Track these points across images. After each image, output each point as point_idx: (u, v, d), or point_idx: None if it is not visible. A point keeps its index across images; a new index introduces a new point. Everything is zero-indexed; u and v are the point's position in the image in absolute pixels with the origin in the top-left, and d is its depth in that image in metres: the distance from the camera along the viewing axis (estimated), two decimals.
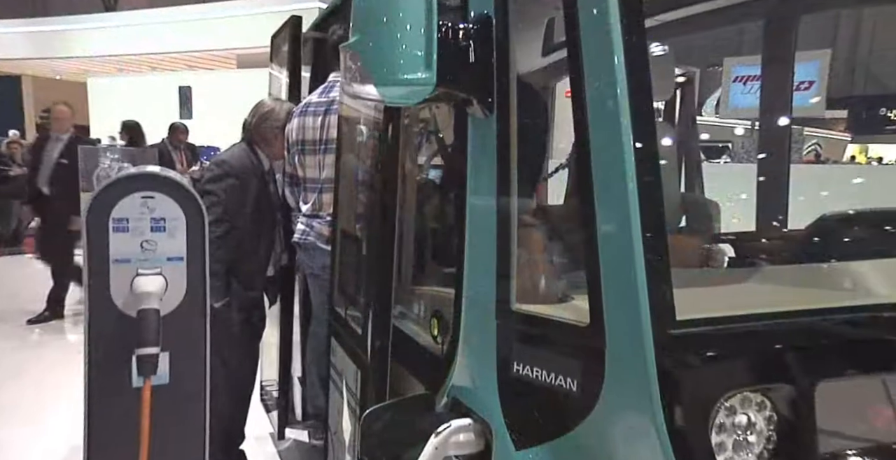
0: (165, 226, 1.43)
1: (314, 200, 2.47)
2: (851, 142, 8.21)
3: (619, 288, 1.00)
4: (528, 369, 1.17)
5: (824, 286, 1.42)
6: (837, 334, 1.15)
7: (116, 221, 1.40)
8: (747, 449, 1.04)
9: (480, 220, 1.30)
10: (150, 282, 1.39)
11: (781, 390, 1.06)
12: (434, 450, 1.25)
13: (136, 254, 1.44)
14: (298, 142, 2.49)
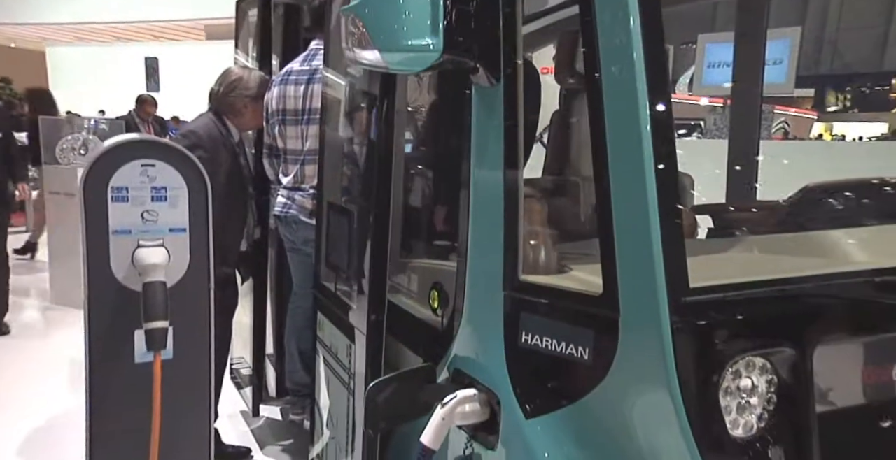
0: (167, 195, 1.37)
1: (296, 172, 2.41)
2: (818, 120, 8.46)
3: (635, 257, 1.01)
4: (538, 339, 1.17)
5: (813, 253, 1.45)
6: (833, 298, 1.19)
7: (115, 190, 1.34)
8: (749, 411, 1.08)
9: (486, 192, 1.28)
10: (154, 254, 1.33)
11: (782, 354, 1.09)
12: (441, 421, 1.26)
13: (137, 225, 1.37)
14: (279, 111, 2.42)
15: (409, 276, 1.77)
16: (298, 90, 2.36)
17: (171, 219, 1.39)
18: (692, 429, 0.98)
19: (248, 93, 2.42)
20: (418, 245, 1.86)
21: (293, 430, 2.80)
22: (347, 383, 1.76)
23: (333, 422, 1.89)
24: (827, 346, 1.13)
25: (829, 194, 1.95)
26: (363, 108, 1.75)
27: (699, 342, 1.02)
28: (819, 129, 8.48)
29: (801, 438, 1.10)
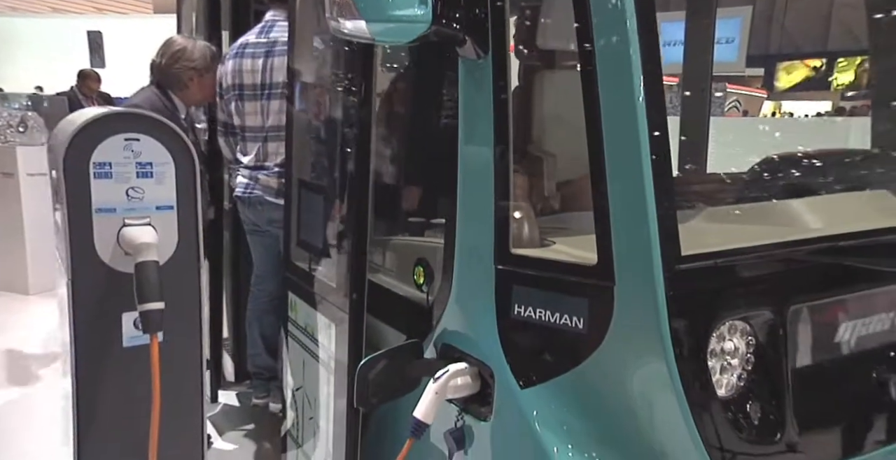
0: (153, 171, 1.32)
1: (257, 150, 2.36)
2: (767, 98, 8.92)
3: (630, 228, 1.06)
4: (531, 311, 1.22)
5: (776, 222, 1.55)
6: (803, 263, 1.29)
7: (98, 166, 1.28)
8: (730, 371, 1.17)
9: (476, 166, 1.31)
10: (144, 233, 1.29)
11: (760, 316, 1.18)
12: (434, 395, 1.29)
13: (122, 203, 1.32)
14: (235, 86, 2.35)
15: (390, 254, 1.79)
16: (256, 64, 2.30)
17: (158, 195, 1.34)
18: (685, 391, 1.06)
19: (192, 64, 2.32)
20: (398, 222, 1.88)
21: (254, 415, 2.79)
22: (327, 362, 1.77)
23: (310, 402, 1.91)
24: (799, 307, 1.24)
25: (788, 165, 2.07)
26: (337, 83, 1.73)
27: (691, 308, 1.08)
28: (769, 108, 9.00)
29: (777, 394, 1.20)
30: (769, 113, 8.48)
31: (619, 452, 1.14)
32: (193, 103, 2.47)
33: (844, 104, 6.42)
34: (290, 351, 2.05)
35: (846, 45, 6.60)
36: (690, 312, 1.09)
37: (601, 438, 1.15)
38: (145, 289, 1.24)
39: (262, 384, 2.66)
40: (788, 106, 9.01)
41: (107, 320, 1.32)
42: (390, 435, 1.72)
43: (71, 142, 1.23)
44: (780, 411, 1.19)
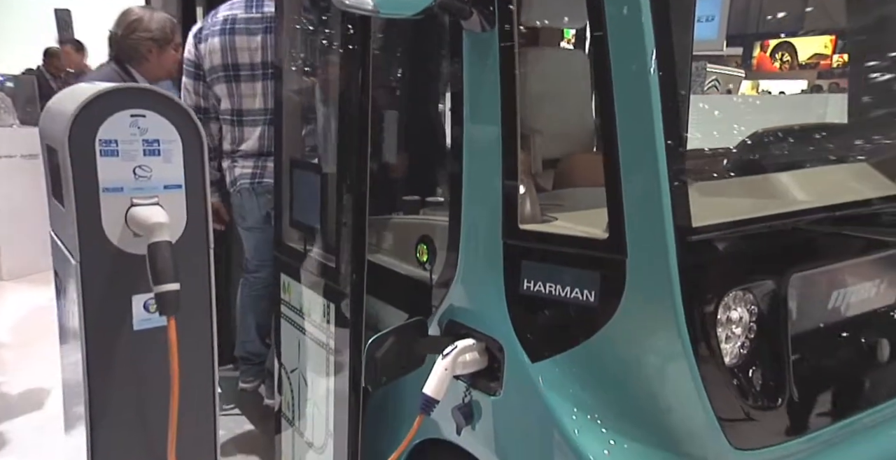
0: (160, 149, 1.29)
1: (262, 134, 2.25)
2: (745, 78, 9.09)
3: (642, 201, 1.09)
4: (541, 285, 1.24)
5: (769, 195, 1.60)
6: (803, 233, 1.35)
7: (104, 143, 1.25)
8: (734, 341, 1.21)
9: (483, 142, 1.32)
10: (155, 212, 1.27)
11: (763, 286, 1.23)
12: (444, 371, 1.32)
13: (130, 182, 1.29)
14: (227, 66, 2.24)
15: (387, 232, 1.79)
16: (253, 41, 2.19)
17: (166, 174, 1.32)
18: (697, 360, 1.10)
19: (149, 35, 2.22)
20: (397, 201, 1.88)
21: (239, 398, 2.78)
22: (326, 343, 1.78)
23: (307, 383, 1.92)
24: (800, 276, 1.29)
25: (776, 139, 2.14)
26: (333, 59, 1.71)
27: (701, 279, 1.12)
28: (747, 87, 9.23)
29: (778, 361, 1.25)
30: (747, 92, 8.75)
31: (630, 422, 1.18)
32: (156, 78, 2.35)
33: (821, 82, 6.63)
34: (283, 334, 2.06)
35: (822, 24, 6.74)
36: (700, 283, 1.12)
37: (612, 408, 1.19)
38: (160, 270, 1.23)
39: (252, 369, 2.65)
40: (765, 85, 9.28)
41: (117, 303, 1.31)
42: (389, 413, 1.75)
43: (75, 119, 1.20)
44: (781, 377, 1.25)
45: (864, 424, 1.39)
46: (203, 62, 2.30)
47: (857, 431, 1.38)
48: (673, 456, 1.16)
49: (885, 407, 1.42)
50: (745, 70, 8.90)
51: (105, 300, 1.28)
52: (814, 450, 1.30)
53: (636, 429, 1.18)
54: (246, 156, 2.29)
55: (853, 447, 1.36)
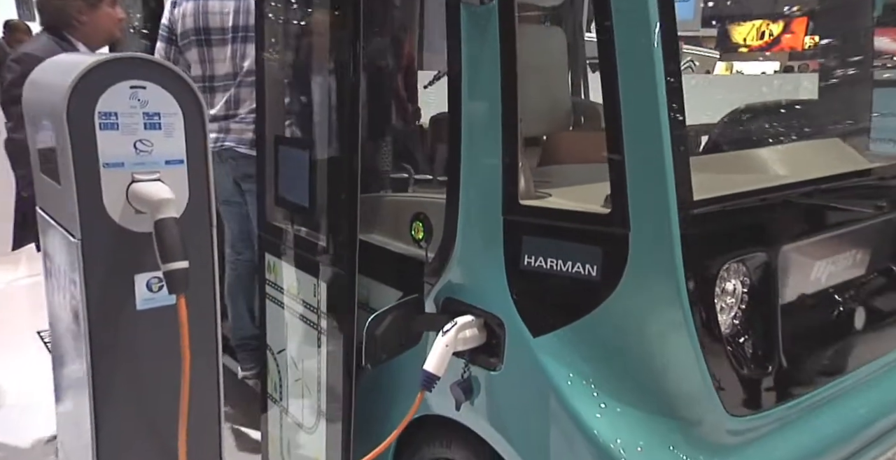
0: (161, 122, 1.25)
1: (227, 99, 2.25)
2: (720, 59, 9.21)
3: (646, 176, 1.11)
4: (542, 260, 1.26)
5: (751, 170, 1.65)
6: (793, 206, 1.40)
7: (103, 116, 1.20)
8: (727, 312, 1.26)
9: (482, 117, 1.32)
10: (160, 189, 1.23)
11: (755, 257, 1.28)
12: (444, 348, 1.34)
13: (131, 157, 1.25)
14: (198, 30, 2.20)
15: (379, 210, 1.79)
16: (226, 5, 2.16)
17: (167, 149, 1.28)
18: (697, 330, 1.14)
19: None
20: (388, 178, 1.88)
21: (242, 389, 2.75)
22: (316, 323, 1.78)
23: (296, 364, 1.92)
24: (790, 247, 1.35)
25: (757, 115, 2.21)
26: (320, 28, 1.69)
27: (702, 251, 1.16)
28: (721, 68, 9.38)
29: (768, 329, 1.31)
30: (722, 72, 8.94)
31: (631, 391, 1.22)
32: (97, 43, 2.24)
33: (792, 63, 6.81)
34: (269, 315, 2.05)
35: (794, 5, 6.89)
36: (700, 255, 1.16)
37: (613, 379, 1.23)
38: (169, 247, 1.20)
39: (251, 355, 2.60)
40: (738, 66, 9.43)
41: (119, 282, 1.28)
42: (380, 393, 1.77)
43: (73, 90, 1.15)
44: (772, 345, 1.31)
45: (847, 387, 1.47)
46: (176, 27, 2.26)
47: (840, 394, 1.46)
48: (673, 422, 1.20)
49: (865, 371, 1.51)
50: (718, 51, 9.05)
51: (108, 279, 1.25)
52: (802, 413, 1.37)
53: (637, 399, 1.22)
54: (211, 120, 2.29)
55: (837, 409, 1.44)
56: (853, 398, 1.50)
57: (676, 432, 1.21)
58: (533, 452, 1.30)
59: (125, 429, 1.35)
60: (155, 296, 1.30)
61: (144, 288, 1.29)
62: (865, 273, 1.67)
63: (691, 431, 1.22)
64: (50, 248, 1.46)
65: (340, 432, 1.74)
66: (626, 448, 1.18)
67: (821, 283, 1.52)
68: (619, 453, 1.17)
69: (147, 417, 1.36)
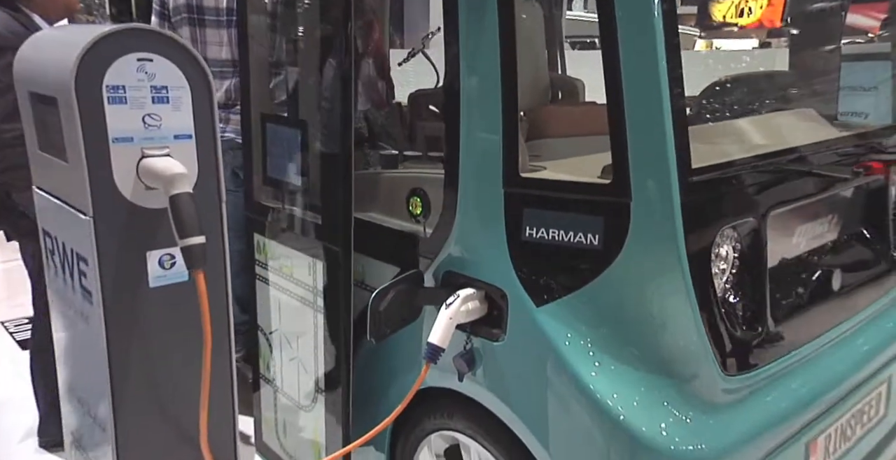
0: (168, 96, 1.23)
1: (228, 87, 2.17)
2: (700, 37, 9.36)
3: (647, 147, 1.15)
4: (544, 232, 1.30)
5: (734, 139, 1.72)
6: (780, 173, 1.47)
7: (111, 90, 1.17)
8: (720, 276, 1.32)
9: (481, 90, 1.34)
10: (174, 164, 1.22)
11: (746, 223, 1.34)
12: (448, 321, 1.37)
13: (139, 132, 1.23)
14: (190, 7, 2.12)
15: (376, 187, 1.81)
16: None
17: (176, 123, 1.26)
18: (696, 294, 1.20)
19: None
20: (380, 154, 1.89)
21: None
22: (313, 301, 1.80)
23: (292, 343, 1.94)
24: (777, 212, 1.42)
25: (738, 86, 2.29)
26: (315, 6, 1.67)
27: (700, 218, 1.21)
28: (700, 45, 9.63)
29: (757, 292, 1.38)
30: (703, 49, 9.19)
31: (630, 353, 1.27)
32: (57, 16, 2.15)
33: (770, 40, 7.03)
34: (260, 295, 2.05)
35: None
36: (699, 222, 1.21)
37: (613, 343, 1.28)
38: (186, 222, 1.19)
39: (239, 339, 2.59)
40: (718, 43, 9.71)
41: (132, 260, 1.28)
42: (378, 367, 1.80)
43: (80, 64, 1.12)
44: (761, 306, 1.38)
45: (829, 342, 1.58)
46: (169, 1, 2.18)
47: (824, 349, 1.55)
48: (669, 381, 1.26)
49: (842, 328, 1.62)
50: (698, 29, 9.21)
51: (121, 257, 1.24)
52: (787, 371, 1.45)
53: (635, 360, 1.27)
54: None
55: (818, 365, 1.54)
56: (832, 354, 1.60)
57: (672, 390, 1.27)
58: (536, 416, 1.36)
59: (143, 408, 1.35)
60: (167, 274, 1.30)
61: (157, 265, 1.28)
62: (840, 236, 1.77)
63: (686, 390, 1.28)
64: (51, 228, 1.43)
65: (339, 409, 1.77)
66: (623, 404, 1.24)
67: (801, 247, 1.61)
68: (616, 408, 1.23)
69: (164, 395, 1.37)
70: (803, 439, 1.49)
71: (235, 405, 1.55)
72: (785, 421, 1.42)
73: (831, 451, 1.65)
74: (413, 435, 1.76)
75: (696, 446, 1.24)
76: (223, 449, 1.52)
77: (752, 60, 5.17)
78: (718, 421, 1.28)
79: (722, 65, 5.96)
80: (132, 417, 1.33)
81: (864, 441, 1.80)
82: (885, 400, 1.89)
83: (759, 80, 2.40)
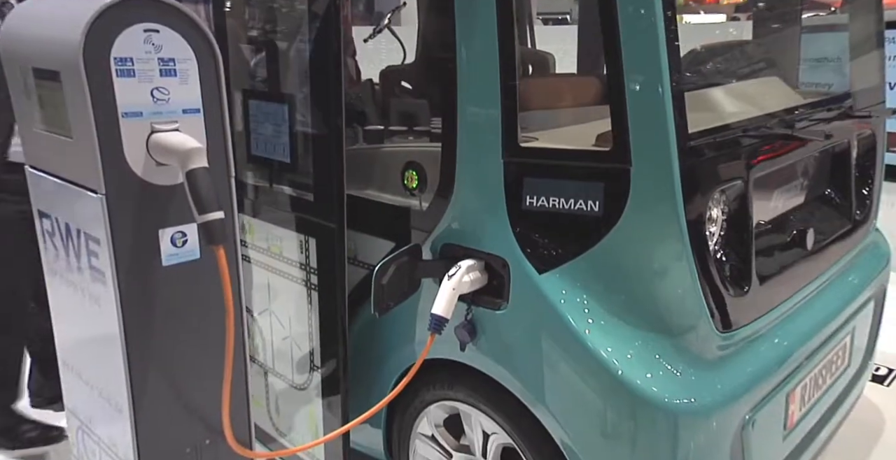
0: (176, 68, 1.19)
1: None
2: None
3: (647, 111, 1.18)
4: (544, 200, 1.32)
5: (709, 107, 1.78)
6: (763, 137, 1.53)
7: (119, 62, 1.12)
8: (712, 237, 1.38)
9: (479, 62, 1.35)
10: (186, 139, 1.18)
11: (734, 185, 1.41)
12: (452, 292, 1.39)
13: (148, 106, 1.18)
14: None
15: (369, 162, 1.80)
16: None
17: (184, 97, 1.22)
18: (694, 255, 1.25)
19: None
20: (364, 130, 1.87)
21: None
22: (306, 279, 1.79)
23: (282, 323, 1.92)
24: (761, 174, 1.49)
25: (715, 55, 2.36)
26: None
27: (697, 182, 1.26)
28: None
29: (744, 251, 1.45)
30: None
31: (630, 313, 1.32)
32: None
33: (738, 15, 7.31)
34: (245, 276, 2.03)
35: None
36: (695, 186, 1.26)
37: (614, 304, 1.33)
38: (204, 197, 1.17)
39: None
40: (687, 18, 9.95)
41: (144, 239, 1.25)
42: (373, 342, 1.81)
43: (88, 35, 1.07)
44: (748, 265, 1.45)
45: (804, 298, 1.68)
46: None
47: (799, 304, 1.65)
48: (665, 338, 1.32)
49: (818, 283, 1.73)
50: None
51: (134, 236, 1.20)
52: (771, 325, 1.54)
53: (634, 319, 1.33)
54: None
55: (798, 319, 1.64)
56: (806, 309, 1.70)
57: (672, 349, 1.33)
58: (538, 379, 1.40)
59: (159, 387, 1.33)
60: (179, 252, 1.27)
61: (169, 243, 1.25)
62: (810, 197, 1.87)
63: (684, 348, 1.35)
64: (50, 208, 1.37)
65: (337, 385, 1.78)
66: (618, 358, 1.29)
67: (779, 208, 1.70)
68: (612, 361, 1.29)
69: (179, 373, 1.34)
70: (784, 390, 1.58)
71: (248, 381, 1.55)
72: (770, 375, 1.50)
73: (806, 400, 1.76)
74: (411, 408, 1.79)
75: (694, 399, 1.31)
76: (239, 425, 1.52)
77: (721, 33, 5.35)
78: (716, 377, 1.35)
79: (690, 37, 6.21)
80: (149, 397, 1.31)
81: (831, 389, 1.93)
82: (849, 350, 2.02)
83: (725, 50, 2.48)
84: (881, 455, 2.34)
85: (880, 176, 2.17)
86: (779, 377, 1.55)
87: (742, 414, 1.41)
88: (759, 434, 1.48)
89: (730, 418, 1.38)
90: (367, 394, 1.85)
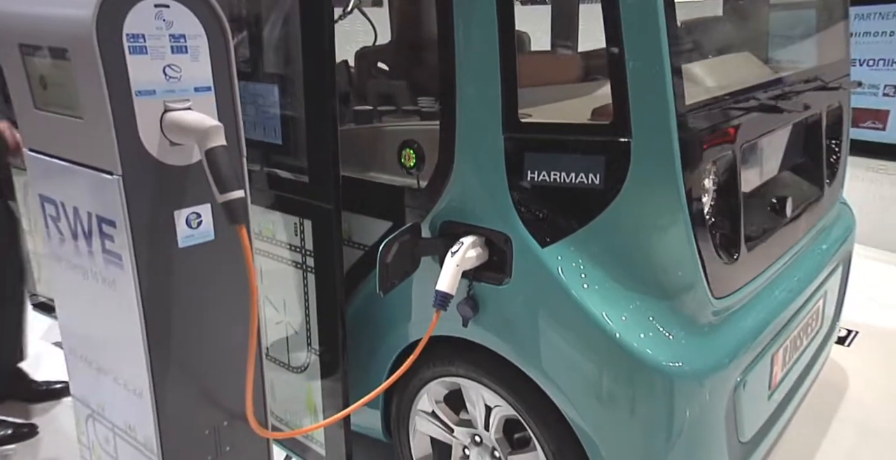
0: (187, 45, 1.15)
1: None
2: None
3: (646, 84, 1.20)
4: (545, 174, 1.34)
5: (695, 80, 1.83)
6: (750, 108, 1.57)
7: (132, 39, 1.08)
8: (706, 207, 1.43)
9: (478, 40, 1.34)
10: (203, 117, 1.15)
11: (725, 155, 1.45)
12: (455, 268, 1.40)
13: (161, 84, 1.14)
14: None
15: (364, 142, 1.78)
16: None
17: (195, 74, 1.18)
18: (692, 223, 1.29)
19: None
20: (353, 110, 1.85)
21: None
22: (301, 262, 1.77)
23: (277, 307, 1.91)
24: (747, 144, 1.55)
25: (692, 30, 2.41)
26: None
27: (694, 153, 1.29)
28: None
29: (734, 220, 1.50)
30: None
31: (630, 280, 1.36)
32: None
33: None
34: None
35: None
36: (692, 157, 1.29)
37: (616, 273, 1.36)
38: (225, 176, 1.14)
39: None
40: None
41: (160, 220, 1.22)
42: (369, 322, 1.81)
43: (100, 10, 1.03)
44: (738, 232, 1.51)
45: (785, 264, 1.76)
46: None
47: (781, 270, 1.72)
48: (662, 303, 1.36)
49: (795, 249, 1.81)
50: None
51: (151, 217, 1.16)
52: (756, 291, 1.60)
53: (642, 292, 1.36)
54: None
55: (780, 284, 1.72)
56: (787, 274, 1.77)
57: (671, 317, 1.37)
58: (540, 350, 1.43)
59: (179, 370, 1.32)
60: (194, 233, 1.24)
61: (184, 224, 1.22)
62: (786, 167, 1.94)
63: (683, 315, 1.39)
64: (55, 193, 1.31)
65: (336, 367, 1.78)
66: (613, 319, 1.33)
67: (762, 177, 1.77)
68: (607, 322, 1.33)
69: (197, 356, 1.32)
70: (769, 352, 1.66)
71: (263, 363, 1.53)
72: (758, 338, 1.57)
73: (787, 361, 1.84)
74: (411, 385, 1.80)
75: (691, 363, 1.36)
76: (257, 406, 1.52)
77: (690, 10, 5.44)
78: (711, 342, 1.41)
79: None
80: (170, 381, 1.28)
81: (807, 351, 2.02)
82: (822, 313, 2.11)
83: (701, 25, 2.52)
84: (848, 409, 2.47)
85: (846, 145, 2.26)
86: (765, 340, 1.62)
87: (735, 377, 1.47)
88: (748, 394, 1.55)
89: (725, 380, 1.44)
90: (366, 375, 1.86)
